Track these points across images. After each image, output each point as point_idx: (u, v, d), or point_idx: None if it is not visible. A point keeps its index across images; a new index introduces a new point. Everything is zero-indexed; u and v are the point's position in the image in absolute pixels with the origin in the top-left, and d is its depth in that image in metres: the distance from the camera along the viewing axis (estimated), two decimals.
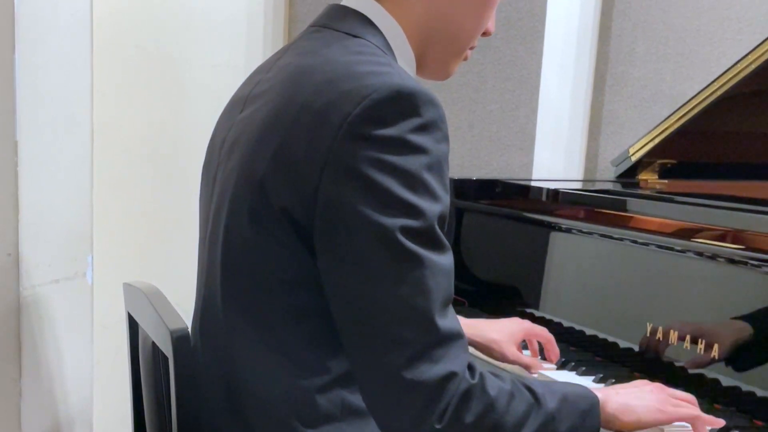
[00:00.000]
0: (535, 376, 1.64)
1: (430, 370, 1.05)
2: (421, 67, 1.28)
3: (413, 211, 1.05)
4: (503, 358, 1.62)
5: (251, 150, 1.15)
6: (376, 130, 1.05)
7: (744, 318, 1.49)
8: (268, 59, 1.32)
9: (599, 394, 1.21)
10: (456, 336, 1.08)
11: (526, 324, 1.68)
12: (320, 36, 1.22)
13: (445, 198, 1.10)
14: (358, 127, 1.05)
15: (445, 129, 1.10)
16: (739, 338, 1.48)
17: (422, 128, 1.07)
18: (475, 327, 1.60)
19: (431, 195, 1.07)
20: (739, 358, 1.48)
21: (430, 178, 1.07)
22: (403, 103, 1.06)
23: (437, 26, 1.25)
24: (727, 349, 1.49)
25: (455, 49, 1.29)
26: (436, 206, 1.07)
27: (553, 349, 1.68)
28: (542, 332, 1.68)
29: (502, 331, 1.63)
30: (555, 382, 1.23)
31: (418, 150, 1.06)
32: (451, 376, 1.06)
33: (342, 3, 1.26)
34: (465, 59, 1.32)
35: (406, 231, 1.05)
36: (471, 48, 1.31)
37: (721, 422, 1.33)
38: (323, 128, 1.07)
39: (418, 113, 1.07)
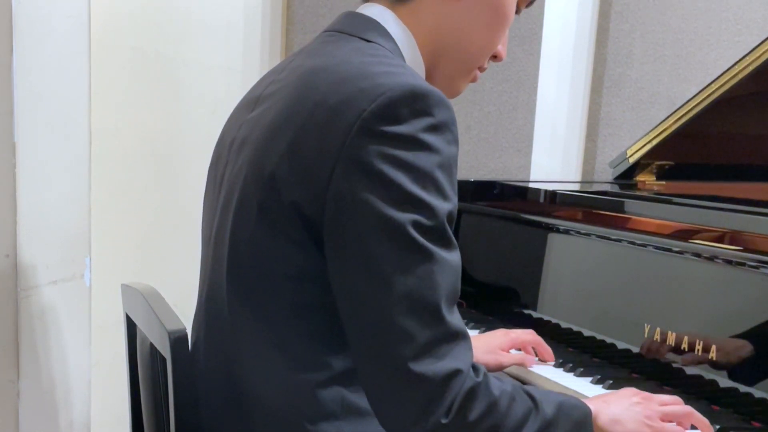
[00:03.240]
0: (533, 370, 1.65)
1: (436, 365, 1.06)
2: (429, 82, 1.29)
3: (424, 208, 1.07)
4: (500, 367, 1.64)
5: (262, 146, 1.16)
6: (390, 127, 1.07)
7: (742, 319, 1.49)
8: (280, 62, 1.33)
9: (591, 406, 1.23)
10: (462, 334, 1.10)
11: (512, 334, 1.69)
12: (333, 40, 1.23)
13: (454, 198, 1.11)
14: (372, 124, 1.07)
15: (455, 131, 1.12)
16: (738, 340, 1.48)
17: (434, 128, 1.08)
18: None
19: (441, 193, 1.08)
20: (738, 359, 1.48)
21: (440, 177, 1.08)
22: (417, 103, 1.08)
23: (448, 40, 1.27)
24: (725, 350, 1.49)
25: (464, 67, 1.31)
26: (445, 204, 1.09)
27: (546, 350, 1.69)
28: (530, 338, 1.69)
29: (490, 345, 1.66)
30: (550, 391, 1.24)
31: (430, 149, 1.08)
32: (456, 372, 1.07)
33: (356, 10, 1.27)
34: (474, 80, 1.34)
35: (417, 226, 1.06)
36: (480, 69, 1.33)
37: (710, 429, 1.35)
38: (337, 124, 1.08)
39: (431, 113, 1.08)
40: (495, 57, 1.34)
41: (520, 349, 1.70)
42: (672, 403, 1.35)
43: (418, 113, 1.08)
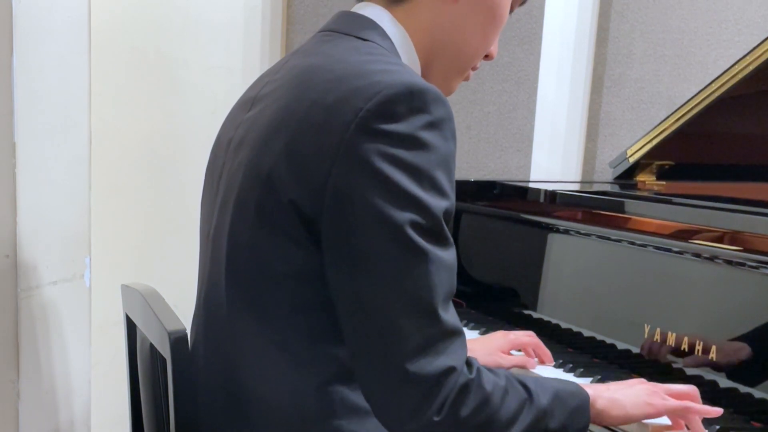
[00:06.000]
0: (533, 371, 1.65)
1: (432, 364, 1.07)
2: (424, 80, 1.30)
3: (422, 206, 1.07)
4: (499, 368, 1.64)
5: (259, 146, 1.16)
6: (387, 125, 1.07)
7: (742, 320, 1.49)
8: (277, 62, 1.33)
9: (589, 391, 1.24)
10: (457, 331, 1.11)
11: (511, 335, 1.69)
12: (330, 39, 1.24)
13: (452, 195, 1.11)
14: (369, 122, 1.07)
15: (453, 127, 1.12)
16: (737, 340, 1.49)
17: (432, 125, 1.09)
18: None
19: (439, 191, 1.09)
20: (737, 359, 1.48)
21: (438, 175, 1.09)
22: (414, 100, 1.08)
23: (444, 41, 1.27)
24: (725, 350, 1.49)
25: (458, 66, 1.31)
26: (443, 202, 1.09)
27: (545, 352, 1.69)
28: (529, 340, 1.69)
29: (489, 347, 1.66)
30: (547, 379, 1.25)
31: (427, 146, 1.08)
32: (450, 370, 1.08)
33: (351, 9, 1.27)
34: (466, 79, 1.35)
35: (415, 226, 1.06)
36: (473, 69, 1.33)
37: (718, 411, 1.32)
38: (334, 123, 1.08)
39: (428, 110, 1.08)
40: (487, 56, 1.34)
41: (519, 350, 1.70)
42: (684, 392, 1.33)
43: (415, 111, 1.08)
